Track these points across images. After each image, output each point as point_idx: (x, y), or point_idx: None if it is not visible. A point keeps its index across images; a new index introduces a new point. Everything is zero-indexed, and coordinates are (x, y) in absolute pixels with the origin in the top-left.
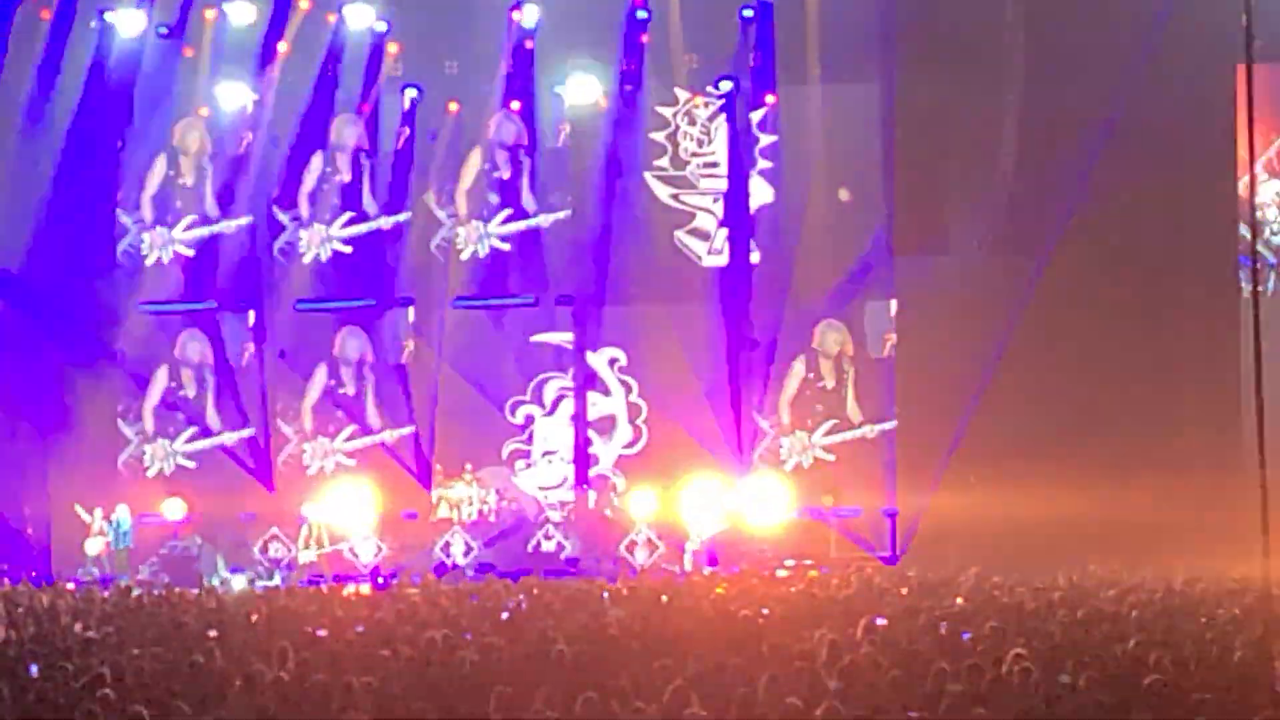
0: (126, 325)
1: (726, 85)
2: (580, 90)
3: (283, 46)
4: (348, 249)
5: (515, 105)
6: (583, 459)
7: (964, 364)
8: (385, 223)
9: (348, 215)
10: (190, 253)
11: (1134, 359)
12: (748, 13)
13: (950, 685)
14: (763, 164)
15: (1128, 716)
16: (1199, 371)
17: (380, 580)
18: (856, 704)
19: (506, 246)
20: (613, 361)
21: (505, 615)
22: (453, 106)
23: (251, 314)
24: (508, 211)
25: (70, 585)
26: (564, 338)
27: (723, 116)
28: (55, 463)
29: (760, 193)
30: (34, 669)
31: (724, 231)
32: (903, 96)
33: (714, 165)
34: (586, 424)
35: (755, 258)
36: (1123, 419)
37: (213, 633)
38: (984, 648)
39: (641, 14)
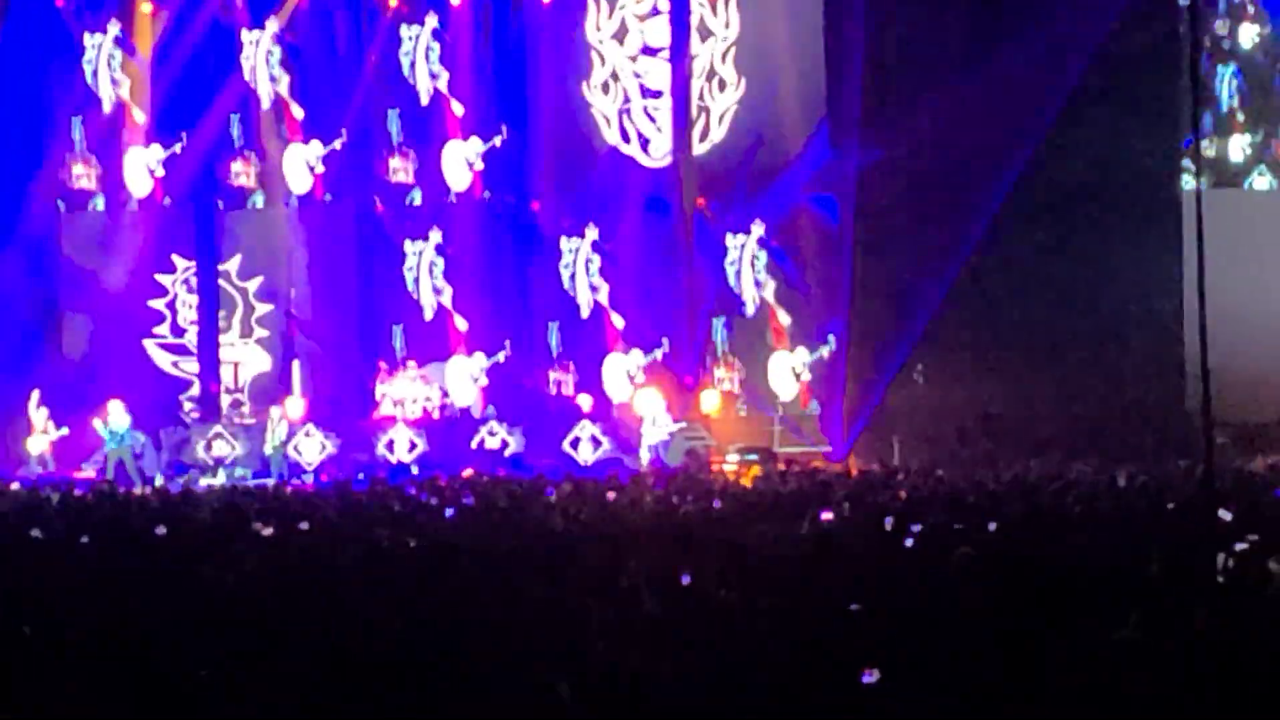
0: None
1: None
2: None
3: None
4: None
5: None
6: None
7: (918, 261)
8: None
9: None
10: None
11: (1080, 263)
12: None
13: (894, 578)
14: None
15: (1069, 607)
16: (1143, 271)
17: (325, 478)
18: (799, 597)
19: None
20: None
21: (450, 513)
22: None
23: None
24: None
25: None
26: None
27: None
28: None
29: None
30: None
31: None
32: None
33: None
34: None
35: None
36: (1070, 320)
37: (160, 530)
38: (928, 542)
39: None
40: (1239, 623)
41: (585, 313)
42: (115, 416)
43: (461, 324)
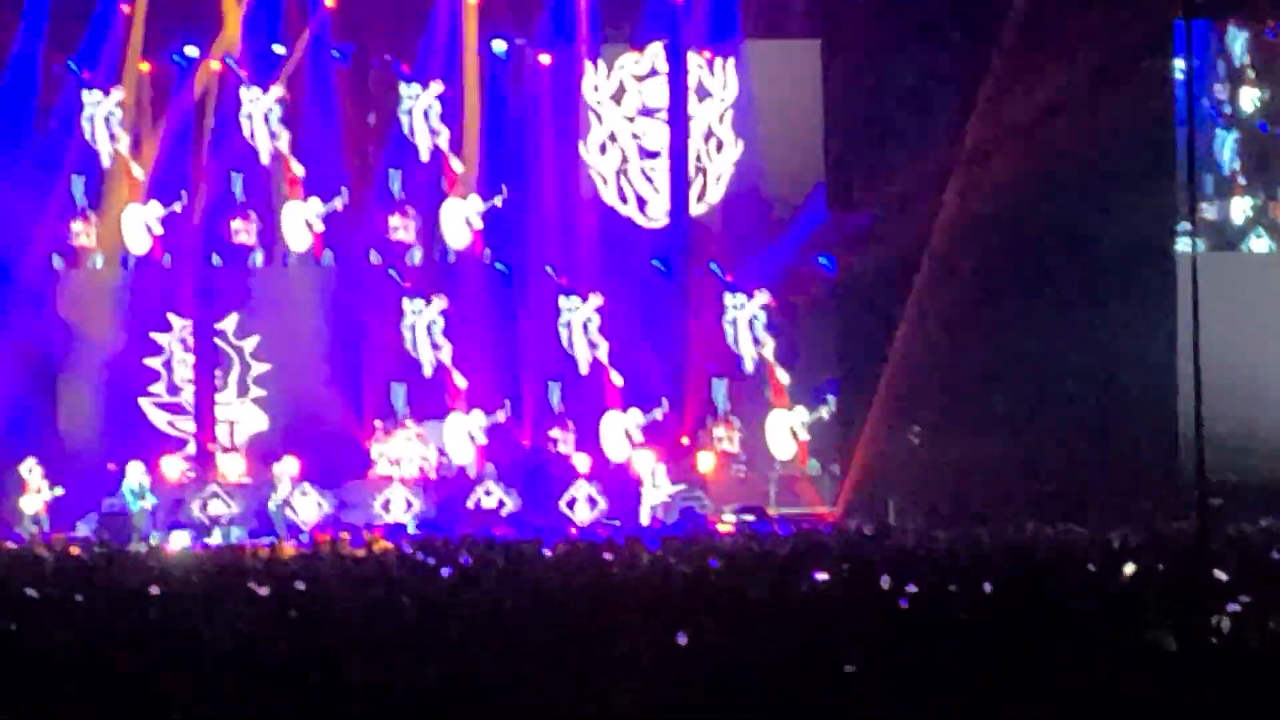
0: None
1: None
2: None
3: None
4: None
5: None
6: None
7: (913, 322)
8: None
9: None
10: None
11: (1074, 320)
12: None
13: (889, 637)
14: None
15: (1061, 666)
16: (1139, 332)
17: (321, 538)
18: (795, 656)
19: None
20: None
21: (447, 573)
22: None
23: None
24: None
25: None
26: None
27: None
28: None
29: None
30: None
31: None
32: (837, 51)
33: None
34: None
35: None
36: (1064, 382)
37: (154, 590)
38: (922, 601)
39: None
40: (1233, 683)
41: (584, 370)
42: (134, 476)
43: (461, 381)
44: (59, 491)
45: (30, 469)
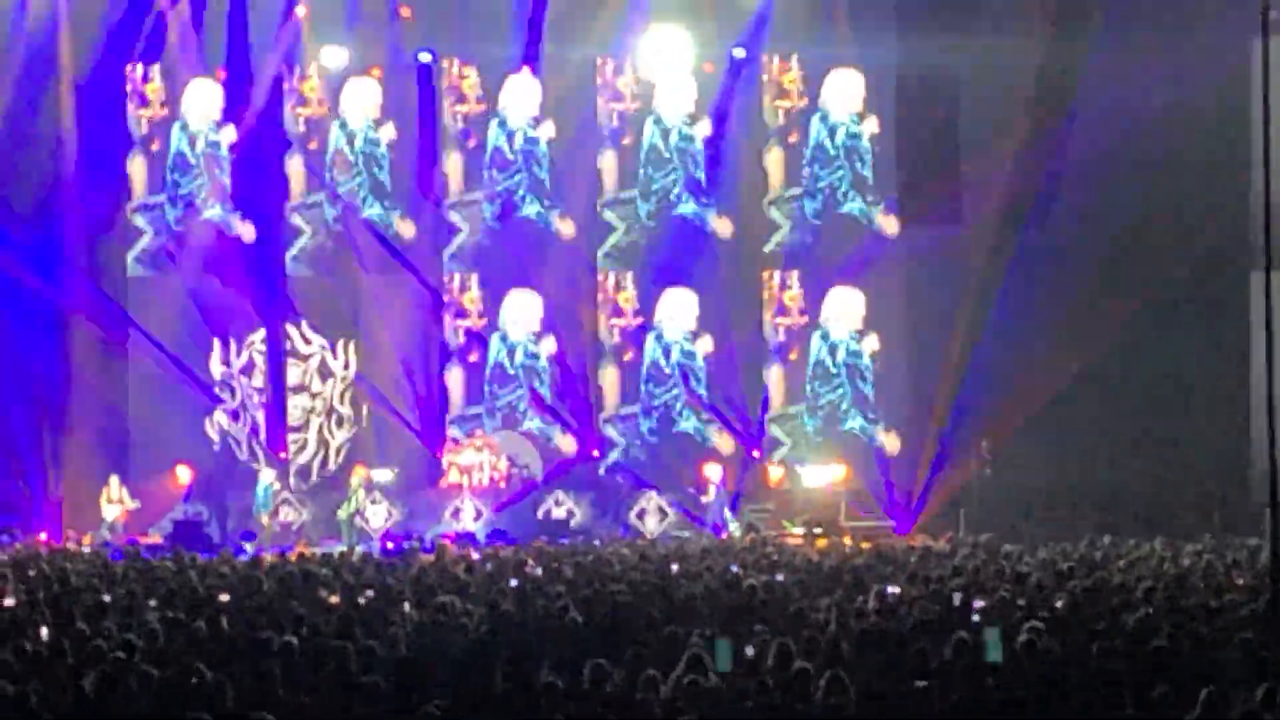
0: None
1: (740, 53)
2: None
3: (301, 10)
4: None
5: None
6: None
7: (975, 336)
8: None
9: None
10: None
11: (1144, 335)
12: None
13: (960, 654)
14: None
15: (1134, 685)
16: (1207, 349)
17: (390, 546)
18: (866, 672)
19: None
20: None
21: (514, 582)
22: (468, 72)
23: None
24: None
25: (85, 548)
26: None
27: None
28: (67, 428)
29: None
30: (45, 632)
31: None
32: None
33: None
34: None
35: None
36: (1132, 394)
37: (224, 597)
38: (994, 618)
39: None
40: None
41: (662, 388)
42: (266, 480)
43: (544, 391)
44: (137, 505)
45: (113, 481)
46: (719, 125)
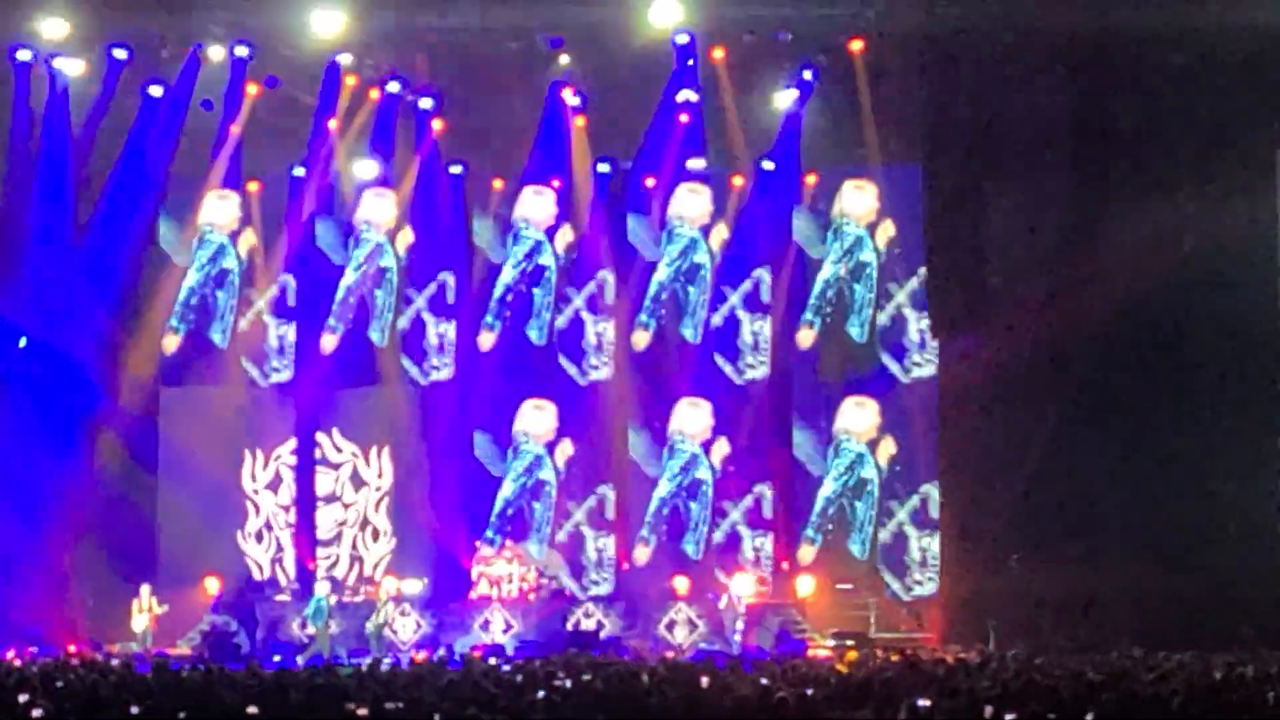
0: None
1: (769, 165)
2: None
3: (333, 124)
4: None
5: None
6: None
7: (1005, 444)
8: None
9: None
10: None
11: (1178, 443)
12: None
13: None
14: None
15: None
16: (1242, 460)
17: (420, 657)
18: None
19: None
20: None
21: (542, 695)
22: (496, 184)
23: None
24: None
25: (113, 660)
26: None
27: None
28: (94, 536)
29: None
30: None
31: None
32: (938, 177)
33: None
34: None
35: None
36: (1166, 502)
37: (252, 709)
38: None
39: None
40: None
41: (693, 501)
42: (321, 593)
43: (573, 510)
44: (165, 609)
45: (145, 590)
46: None
